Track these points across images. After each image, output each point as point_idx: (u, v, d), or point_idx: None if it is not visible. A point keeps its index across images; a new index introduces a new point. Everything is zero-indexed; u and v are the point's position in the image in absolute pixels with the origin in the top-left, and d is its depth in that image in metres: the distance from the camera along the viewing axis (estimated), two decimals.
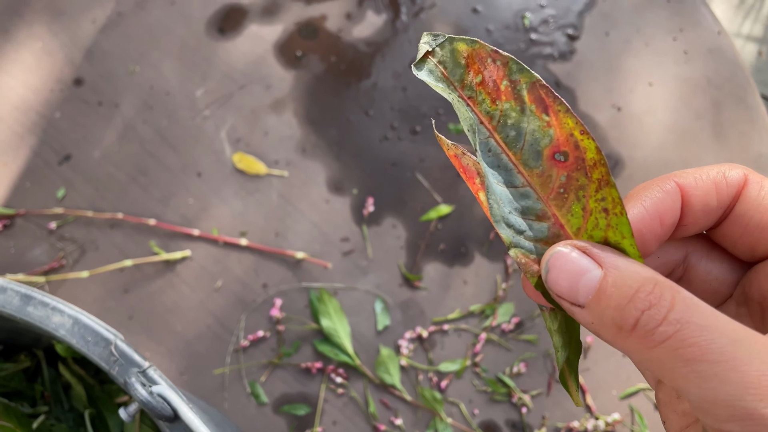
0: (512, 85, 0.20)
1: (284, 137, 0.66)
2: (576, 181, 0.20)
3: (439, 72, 0.22)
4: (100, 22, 0.71)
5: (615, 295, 0.18)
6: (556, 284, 0.20)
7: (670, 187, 0.21)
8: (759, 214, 0.21)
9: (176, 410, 0.29)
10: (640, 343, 0.17)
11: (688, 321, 0.17)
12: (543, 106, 0.20)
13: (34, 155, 0.66)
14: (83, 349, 0.31)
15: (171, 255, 0.61)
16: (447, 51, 0.21)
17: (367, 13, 0.71)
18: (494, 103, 0.21)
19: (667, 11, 0.69)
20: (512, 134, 0.21)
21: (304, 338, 0.58)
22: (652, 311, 0.17)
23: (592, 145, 0.20)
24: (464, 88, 0.21)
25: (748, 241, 0.21)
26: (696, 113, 0.65)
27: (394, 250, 0.61)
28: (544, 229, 0.21)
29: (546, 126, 0.20)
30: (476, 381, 0.57)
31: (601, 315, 0.18)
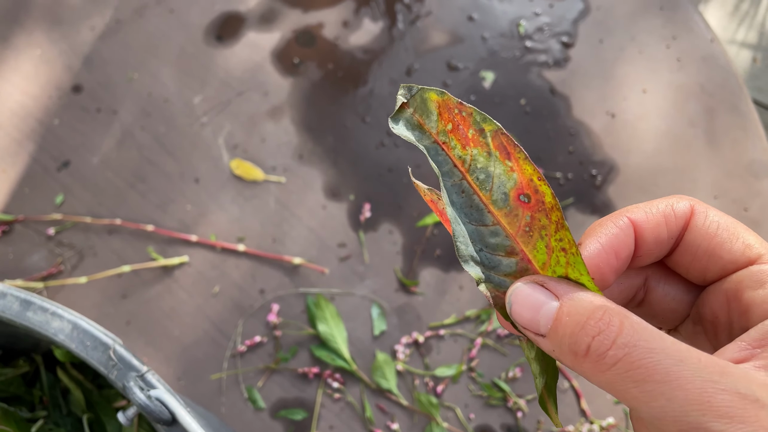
0: (478, 133, 0.22)
1: (281, 144, 0.66)
2: (539, 221, 0.22)
3: (416, 120, 0.23)
4: (98, 29, 0.72)
5: (569, 324, 0.20)
6: (519, 316, 0.21)
7: (623, 222, 0.23)
8: (706, 242, 0.23)
9: (174, 414, 0.29)
10: (594, 367, 0.19)
11: (636, 344, 0.18)
12: (505, 153, 0.22)
13: (33, 162, 0.66)
14: (82, 354, 0.31)
15: (169, 261, 0.61)
16: (420, 100, 0.23)
17: (364, 21, 0.71)
18: (464, 149, 0.22)
19: (660, 19, 0.70)
20: (482, 177, 0.22)
21: (301, 343, 0.59)
22: (601, 336, 0.19)
23: (548, 190, 0.22)
24: (439, 134, 0.23)
25: (698, 267, 0.23)
26: (689, 120, 0.66)
27: (391, 255, 0.62)
28: (512, 264, 0.22)
29: (510, 170, 0.22)
30: (472, 386, 0.58)
31: (559, 343, 0.20)
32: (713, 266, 0.23)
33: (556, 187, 0.64)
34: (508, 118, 0.66)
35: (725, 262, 0.23)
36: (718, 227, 0.23)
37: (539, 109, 0.67)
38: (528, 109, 0.67)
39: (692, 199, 0.23)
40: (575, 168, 0.64)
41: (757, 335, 0.20)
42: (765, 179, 0.63)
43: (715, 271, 0.23)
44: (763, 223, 0.62)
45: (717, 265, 0.23)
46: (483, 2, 0.71)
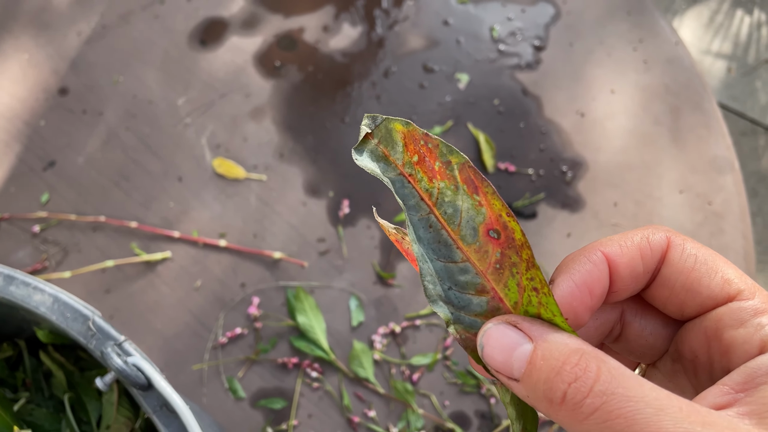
0: (445, 166, 0.21)
1: (263, 143, 0.68)
2: (509, 258, 0.21)
3: (381, 151, 0.22)
4: (85, 34, 0.74)
5: (544, 368, 0.18)
6: (491, 359, 0.20)
7: (596, 257, 0.22)
8: (683, 277, 0.22)
9: (150, 379, 0.31)
10: (571, 415, 0.18)
11: (614, 392, 0.17)
12: (473, 187, 0.21)
13: (20, 161, 0.68)
14: (62, 325, 0.33)
15: (152, 256, 0.63)
16: (385, 131, 0.22)
17: (344, 26, 0.74)
18: (431, 182, 0.21)
19: (627, 23, 0.73)
20: (450, 211, 0.21)
21: (280, 335, 0.60)
22: (578, 383, 0.18)
23: (517, 227, 0.21)
24: (405, 165, 0.22)
25: (675, 302, 0.22)
26: (655, 119, 0.68)
27: (369, 249, 0.64)
28: (483, 303, 0.21)
29: (478, 205, 0.21)
30: (447, 374, 0.59)
31: (534, 388, 0.19)
32: (691, 302, 0.22)
33: (529, 184, 0.66)
34: (482, 118, 0.69)
35: (703, 298, 0.21)
36: (695, 261, 0.22)
37: (512, 108, 0.69)
38: (501, 108, 0.69)
39: (668, 230, 0.22)
40: (546, 165, 0.67)
41: (739, 378, 0.19)
42: (728, 174, 0.66)
43: (693, 307, 0.22)
44: (726, 216, 0.65)
45: (695, 301, 0.22)
46: (458, 8, 0.74)
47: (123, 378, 0.30)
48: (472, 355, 0.22)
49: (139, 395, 0.31)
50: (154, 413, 0.31)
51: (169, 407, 0.31)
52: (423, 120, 0.69)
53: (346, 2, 0.75)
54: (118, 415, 0.39)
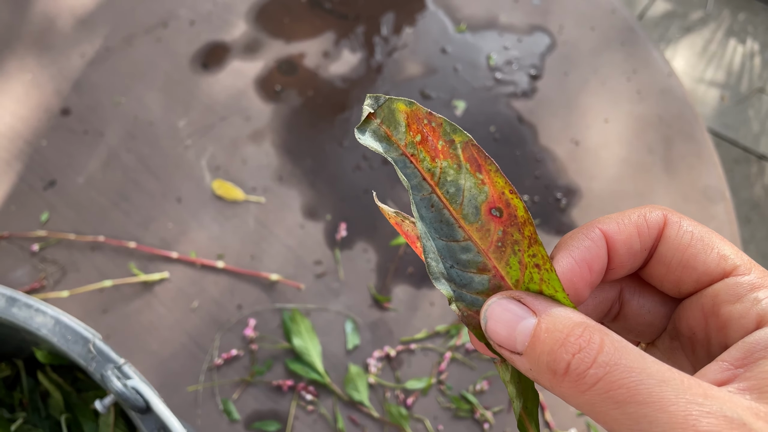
0: (448, 145, 0.21)
1: (262, 166, 0.69)
2: (511, 236, 0.21)
3: (383, 131, 0.22)
4: (88, 56, 0.75)
5: (548, 341, 0.19)
6: (495, 333, 0.20)
7: (595, 234, 0.22)
8: (679, 254, 0.22)
9: (149, 402, 0.31)
10: (574, 387, 0.18)
11: (617, 363, 0.17)
12: (476, 165, 0.21)
13: (20, 180, 0.69)
14: (63, 347, 0.33)
15: (149, 276, 0.63)
16: (387, 111, 0.22)
17: (344, 52, 0.75)
18: (434, 161, 0.22)
19: (621, 54, 0.74)
20: (452, 190, 0.22)
21: (276, 357, 0.61)
22: (581, 354, 0.18)
23: (520, 204, 0.21)
24: (407, 145, 0.22)
25: (672, 279, 0.22)
26: (648, 148, 0.70)
27: (365, 272, 0.64)
28: (485, 282, 0.22)
29: (481, 183, 0.21)
30: (441, 398, 0.60)
31: (537, 361, 0.19)
32: (687, 278, 0.22)
33: None
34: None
35: (699, 274, 0.22)
36: (691, 238, 0.22)
37: (508, 136, 0.70)
38: (497, 135, 0.71)
39: (665, 208, 0.23)
40: (541, 191, 0.68)
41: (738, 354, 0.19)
42: (719, 203, 0.67)
43: (689, 284, 0.22)
44: None
45: (691, 277, 0.22)
46: (456, 36, 0.76)
47: (122, 401, 0.31)
48: (474, 332, 0.22)
49: (138, 418, 0.32)
50: None
51: (167, 430, 0.32)
52: None
53: (346, 29, 0.77)
54: None
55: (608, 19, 0.76)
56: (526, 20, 0.76)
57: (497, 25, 0.76)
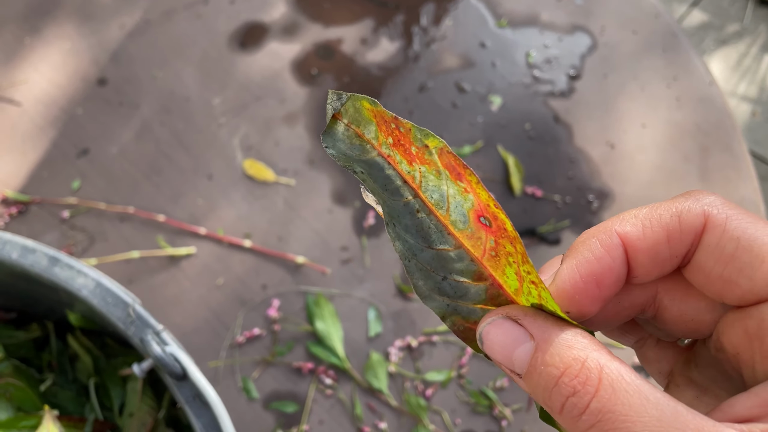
0: (422, 150, 0.20)
1: (294, 148, 0.69)
2: (504, 247, 0.19)
3: (353, 131, 0.20)
4: (127, 28, 0.75)
5: (544, 374, 0.18)
6: (492, 354, 0.19)
7: (611, 242, 0.19)
8: (720, 266, 0.18)
9: (186, 370, 0.32)
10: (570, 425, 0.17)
11: (611, 410, 0.16)
12: (456, 174, 0.20)
13: (54, 147, 0.69)
14: (103, 309, 0.33)
15: (176, 251, 0.63)
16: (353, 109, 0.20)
17: (382, 40, 0.75)
18: (411, 165, 0.20)
19: (662, 60, 0.73)
20: (436, 196, 0.20)
21: (297, 339, 0.61)
22: (575, 398, 0.17)
23: (507, 220, 0.19)
24: (381, 146, 0.20)
25: (712, 291, 0.19)
26: (684, 156, 0.69)
27: (391, 262, 0.64)
28: (481, 291, 0.20)
29: (464, 191, 0.20)
30: (460, 392, 0.59)
31: (534, 391, 0.18)
32: (729, 294, 0.19)
33: (554, 210, 0.67)
34: (512, 141, 0.69)
35: (743, 292, 0.18)
36: (737, 247, 0.18)
37: (542, 134, 0.70)
38: (532, 133, 0.70)
39: (712, 202, 0.19)
40: (573, 193, 0.67)
41: None
42: None
43: (731, 299, 0.19)
44: None
45: (734, 294, 0.18)
46: (496, 31, 0.75)
47: (160, 366, 0.31)
48: (471, 346, 0.20)
49: (174, 384, 0.32)
50: (186, 403, 0.31)
51: (201, 399, 0.32)
52: (453, 138, 0.70)
53: (385, 17, 0.77)
54: (141, 404, 0.39)
55: (651, 23, 0.75)
56: (568, 19, 0.76)
57: (538, 23, 0.75)
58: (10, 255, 0.34)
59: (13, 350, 0.44)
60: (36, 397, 0.39)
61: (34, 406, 0.39)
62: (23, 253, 0.34)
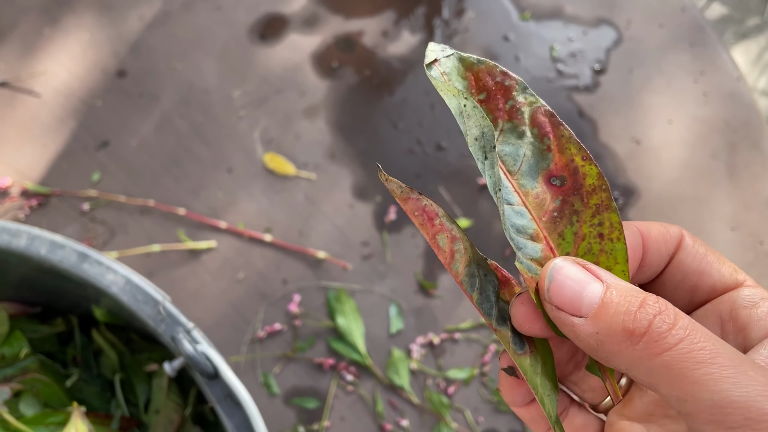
0: (516, 106, 0.20)
1: (314, 142, 0.68)
2: (571, 206, 0.20)
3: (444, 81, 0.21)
4: (147, 19, 0.75)
5: (623, 302, 0.19)
6: (559, 294, 0.20)
7: (634, 229, 0.23)
8: (696, 261, 0.23)
9: (217, 369, 0.31)
10: (650, 347, 0.18)
11: (695, 328, 0.18)
12: (544, 132, 0.20)
13: (73, 139, 0.69)
14: (133, 307, 0.33)
15: (197, 244, 0.63)
16: (452, 64, 0.21)
17: (403, 33, 0.74)
18: (495, 121, 0.21)
19: (689, 54, 0.72)
20: (511, 153, 0.21)
21: (318, 335, 0.60)
22: (662, 315, 0.18)
23: (593, 171, 0.20)
24: (467, 99, 0.21)
25: (687, 286, 0.23)
26: (711, 152, 0.67)
27: (412, 258, 0.63)
28: (538, 250, 0.21)
29: (546, 150, 0.20)
30: (483, 390, 0.59)
31: (609, 322, 0.19)
32: (703, 285, 0.23)
33: None
34: None
35: (715, 281, 0.23)
36: (706, 250, 0.23)
37: None
38: None
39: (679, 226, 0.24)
40: None
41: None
42: None
43: (704, 290, 0.23)
44: None
45: (707, 284, 0.23)
46: (519, 24, 0.74)
47: (192, 365, 0.31)
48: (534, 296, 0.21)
49: (205, 383, 0.31)
50: (218, 403, 0.31)
51: (233, 398, 0.31)
52: None
53: (406, 9, 0.75)
54: (168, 401, 0.39)
55: (678, 17, 0.74)
56: (593, 12, 0.74)
57: (563, 16, 0.74)
58: (38, 250, 0.33)
59: (37, 345, 0.43)
60: (62, 393, 0.39)
61: (60, 402, 0.39)
62: (52, 249, 0.34)
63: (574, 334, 0.20)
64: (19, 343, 0.41)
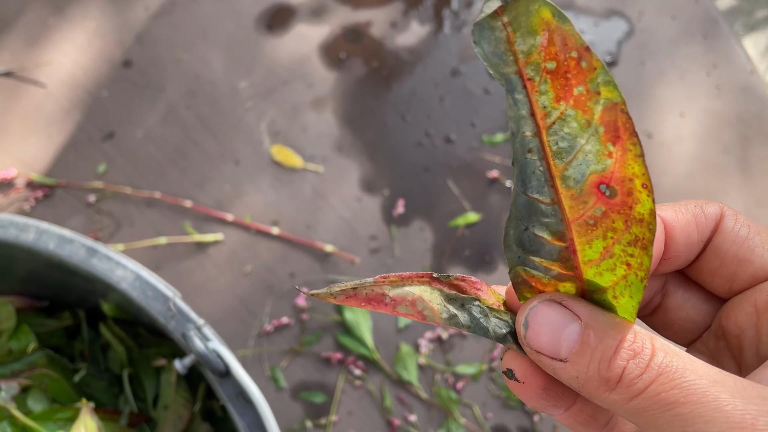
0: (588, 95, 0.17)
1: (322, 134, 0.68)
2: (612, 222, 0.18)
3: (504, 35, 0.17)
4: (153, 9, 0.74)
5: (599, 347, 0.18)
6: (536, 339, 0.19)
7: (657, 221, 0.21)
8: (736, 246, 0.21)
9: (228, 366, 0.31)
10: (625, 392, 0.17)
11: (668, 365, 0.17)
12: (613, 135, 0.17)
13: (79, 130, 0.68)
14: (143, 303, 0.32)
15: (204, 237, 0.62)
16: (523, 11, 0.16)
17: (412, 23, 0.73)
18: (557, 102, 0.17)
19: (702, 47, 0.71)
20: (563, 145, 0.17)
21: (326, 329, 0.60)
22: (636, 360, 0.17)
23: (648, 203, 0.17)
24: (529, 65, 0.17)
25: (725, 274, 0.22)
26: (724, 147, 0.67)
27: (421, 252, 0.63)
28: (554, 251, 0.19)
29: (606, 155, 0.17)
30: (491, 386, 0.58)
31: (587, 368, 0.18)
32: (742, 273, 0.21)
33: None
34: None
35: (756, 269, 0.21)
36: (749, 231, 0.21)
37: None
38: None
39: (721, 203, 0.22)
40: None
41: None
42: None
43: (743, 279, 0.21)
44: None
45: (747, 272, 0.21)
46: None
47: (203, 362, 0.30)
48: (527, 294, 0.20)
49: (216, 381, 0.31)
50: (229, 401, 0.31)
51: (244, 396, 0.31)
52: (485, 125, 0.68)
53: (415, 0, 0.75)
54: (177, 396, 0.39)
55: (690, 8, 0.73)
56: (604, 4, 0.73)
57: (574, 6, 0.73)
58: (46, 245, 0.33)
59: (44, 339, 0.43)
60: (70, 389, 0.39)
61: (68, 398, 0.38)
62: (60, 243, 0.33)
63: (556, 376, 0.19)
64: (27, 337, 0.40)
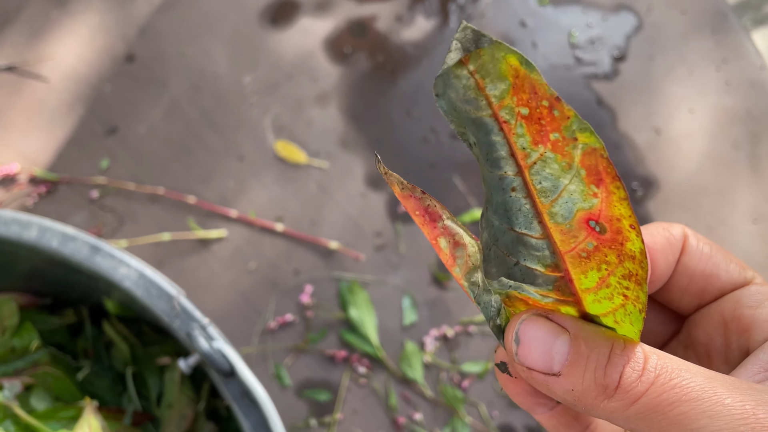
0: (565, 141, 0.16)
1: (327, 130, 0.67)
2: (605, 255, 0.17)
3: (473, 82, 0.16)
4: (156, 2, 0.73)
5: (593, 356, 0.18)
6: (528, 356, 0.18)
7: None
8: (702, 263, 0.22)
9: (233, 366, 0.30)
10: (624, 398, 0.17)
11: (664, 366, 0.17)
12: (596, 179, 0.17)
13: (82, 125, 0.67)
14: (147, 301, 0.32)
15: (207, 233, 0.62)
16: (488, 59, 0.16)
17: (417, 18, 0.72)
18: (535, 145, 0.17)
19: (712, 42, 0.70)
20: (546, 184, 0.17)
21: (330, 326, 0.59)
22: (632, 364, 0.17)
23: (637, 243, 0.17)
24: (502, 108, 0.16)
25: (694, 290, 0.22)
26: (733, 143, 0.66)
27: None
28: (549, 281, 0.19)
29: (591, 195, 0.17)
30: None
31: (582, 379, 0.18)
32: (710, 287, 0.22)
33: None
34: None
35: (723, 283, 0.22)
36: (711, 249, 0.22)
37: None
38: None
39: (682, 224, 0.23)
40: None
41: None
42: None
43: (711, 293, 0.22)
44: None
45: (714, 286, 0.22)
46: (537, 9, 0.72)
47: (207, 362, 0.30)
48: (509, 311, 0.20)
49: (221, 381, 0.30)
50: (234, 401, 0.30)
51: (249, 397, 0.30)
52: None
53: None
54: (181, 395, 0.38)
55: (700, 3, 0.72)
56: None
57: (582, 1, 0.72)
58: (49, 243, 0.32)
59: (47, 336, 0.42)
60: (74, 387, 0.38)
61: (72, 396, 0.38)
62: (63, 241, 0.33)
63: (550, 392, 0.19)
64: (30, 334, 0.40)
